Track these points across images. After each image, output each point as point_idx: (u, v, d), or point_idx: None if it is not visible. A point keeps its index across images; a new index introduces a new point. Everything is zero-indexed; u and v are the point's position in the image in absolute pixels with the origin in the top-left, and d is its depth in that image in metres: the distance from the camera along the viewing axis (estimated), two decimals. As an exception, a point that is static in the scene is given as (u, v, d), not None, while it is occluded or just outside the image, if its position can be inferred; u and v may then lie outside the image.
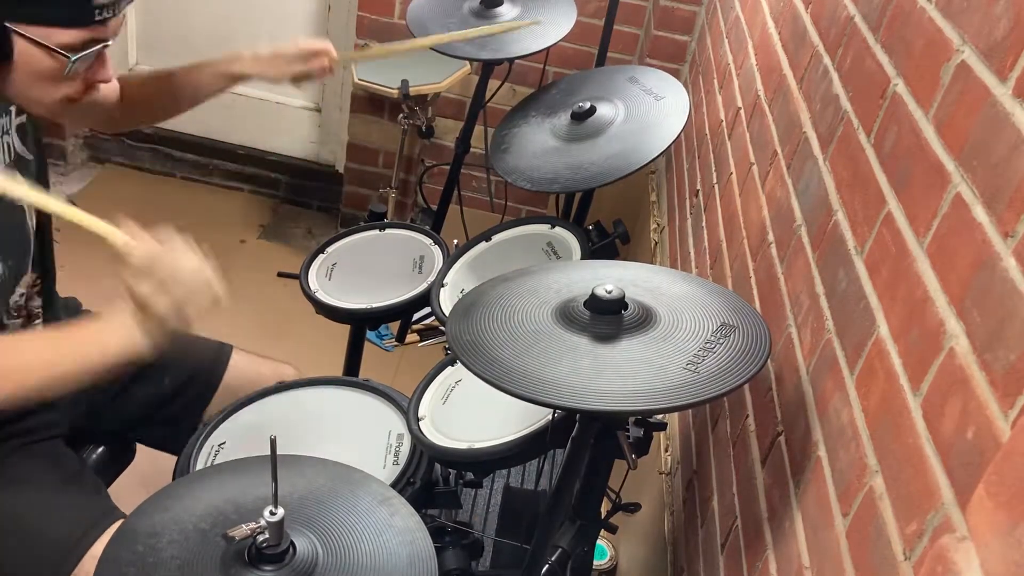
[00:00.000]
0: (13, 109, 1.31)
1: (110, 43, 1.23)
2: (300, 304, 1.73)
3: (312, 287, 1.70)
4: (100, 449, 1.56)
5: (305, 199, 3.33)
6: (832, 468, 0.94)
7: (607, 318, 0.99)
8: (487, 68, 2.04)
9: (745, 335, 0.98)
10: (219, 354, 1.61)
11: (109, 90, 1.30)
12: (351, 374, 1.86)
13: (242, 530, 0.84)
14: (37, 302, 1.41)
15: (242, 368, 1.61)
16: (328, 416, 1.41)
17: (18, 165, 1.32)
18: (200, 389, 1.56)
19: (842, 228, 1.07)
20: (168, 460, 1.54)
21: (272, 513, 0.84)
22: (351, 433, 1.37)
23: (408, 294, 1.66)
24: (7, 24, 1.12)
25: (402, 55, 1.49)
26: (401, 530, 0.93)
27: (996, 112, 0.76)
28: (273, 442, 0.84)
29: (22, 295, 1.35)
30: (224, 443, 1.35)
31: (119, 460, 1.59)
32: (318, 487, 0.97)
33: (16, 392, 1.15)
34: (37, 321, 1.41)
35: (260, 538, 0.85)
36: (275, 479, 0.84)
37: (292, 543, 0.87)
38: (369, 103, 2.93)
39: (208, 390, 1.56)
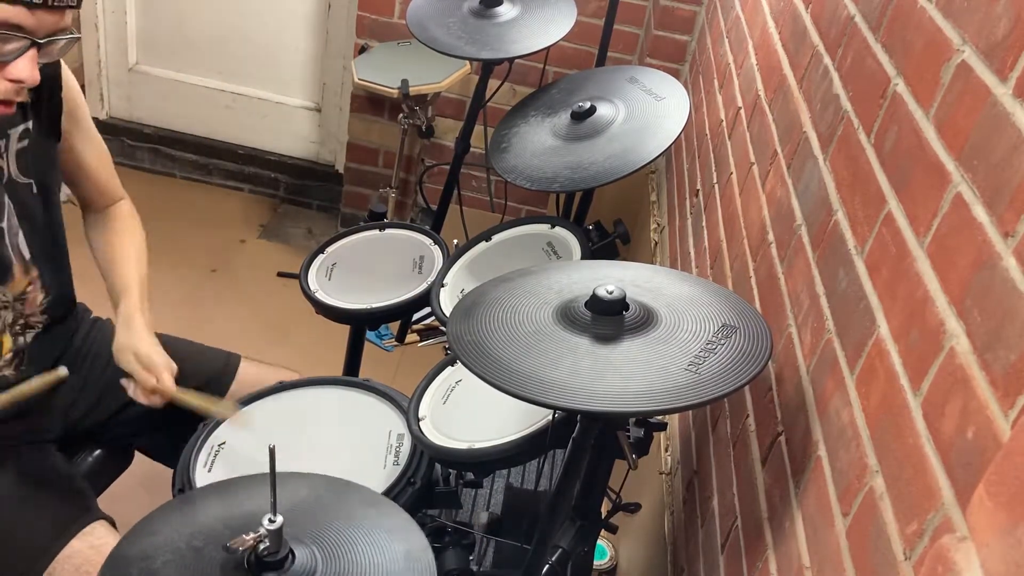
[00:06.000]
0: (13, 133, 1.31)
1: (38, 41, 1.16)
2: (300, 304, 1.73)
3: (312, 287, 1.70)
4: (96, 452, 1.55)
5: (305, 199, 3.33)
6: (832, 468, 0.94)
7: (608, 319, 0.98)
8: (487, 68, 2.04)
9: (746, 336, 0.98)
10: (227, 364, 1.61)
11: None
12: (351, 374, 1.86)
13: (244, 540, 0.84)
14: (39, 317, 1.41)
15: (249, 377, 1.61)
16: (328, 416, 1.41)
17: (9, 188, 1.32)
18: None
19: (842, 228, 1.07)
20: (168, 459, 1.54)
21: (271, 521, 0.84)
22: (351, 433, 1.37)
23: (408, 294, 1.66)
24: None
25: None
26: (394, 530, 0.93)
27: (996, 112, 0.76)
28: (272, 450, 0.84)
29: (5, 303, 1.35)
30: (224, 443, 1.35)
31: (116, 464, 1.59)
32: (303, 499, 0.97)
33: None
34: (30, 331, 1.41)
35: (261, 547, 0.85)
36: (273, 486, 0.84)
37: (291, 550, 0.87)
38: (369, 103, 2.93)
39: (214, 398, 1.56)
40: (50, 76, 1.36)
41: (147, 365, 1.38)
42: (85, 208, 1.57)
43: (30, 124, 1.34)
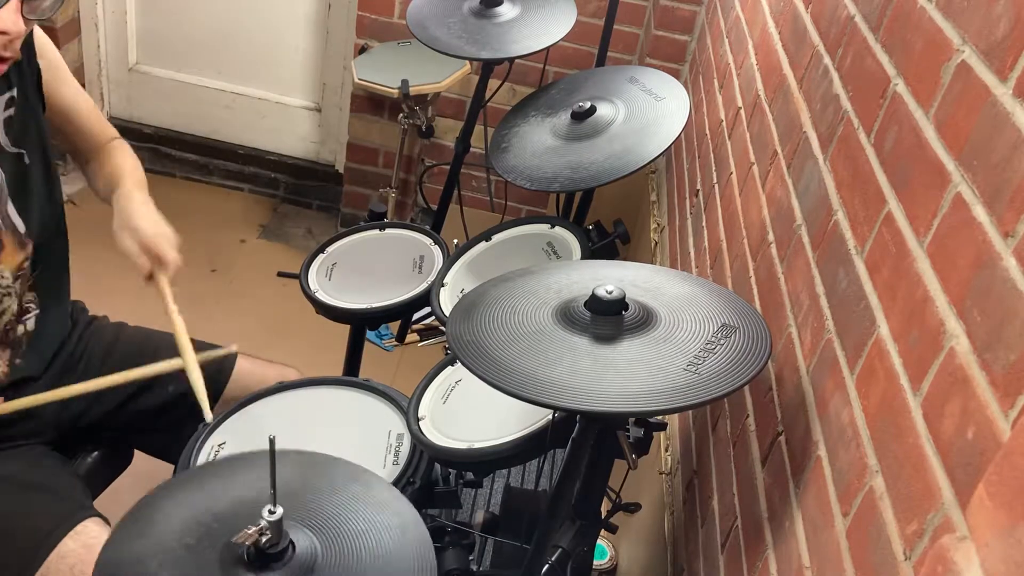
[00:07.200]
0: (1, 102, 1.30)
1: None
2: (300, 304, 1.73)
3: (312, 287, 1.70)
4: (95, 453, 1.55)
5: (305, 199, 3.33)
6: (832, 468, 0.94)
7: (608, 319, 0.98)
8: (487, 68, 2.04)
9: (746, 336, 0.98)
10: (224, 360, 1.61)
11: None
12: (351, 374, 1.86)
13: (247, 534, 0.83)
14: (29, 296, 1.40)
15: (247, 373, 1.61)
16: (328, 416, 1.41)
17: (0, 158, 1.31)
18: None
19: (842, 228, 1.07)
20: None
21: (271, 512, 0.84)
22: (351, 433, 1.37)
23: (408, 294, 1.66)
24: None
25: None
26: (383, 504, 0.93)
27: (996, 112, 0.76)
28: (272, 441, 0.83)
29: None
30: (224, 443, 1.35)
31: (114, 465, 1.59)
32: (289, 478, 0.96)
33: None
34: (27, 316, 1.40)
35: (263, 539, 0.84)
36: (273, 477, 0.84)
37: (291, 540, 0.86)
38: (369, 103, 2.93)
39: (212, 396, 1.56)
40: (24, 44, 1.35)
41: (146, 244, 1.34)
42: (85, 160, 1.55)
43: (15, 92, 1.33)
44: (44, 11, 1.21)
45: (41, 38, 1.39)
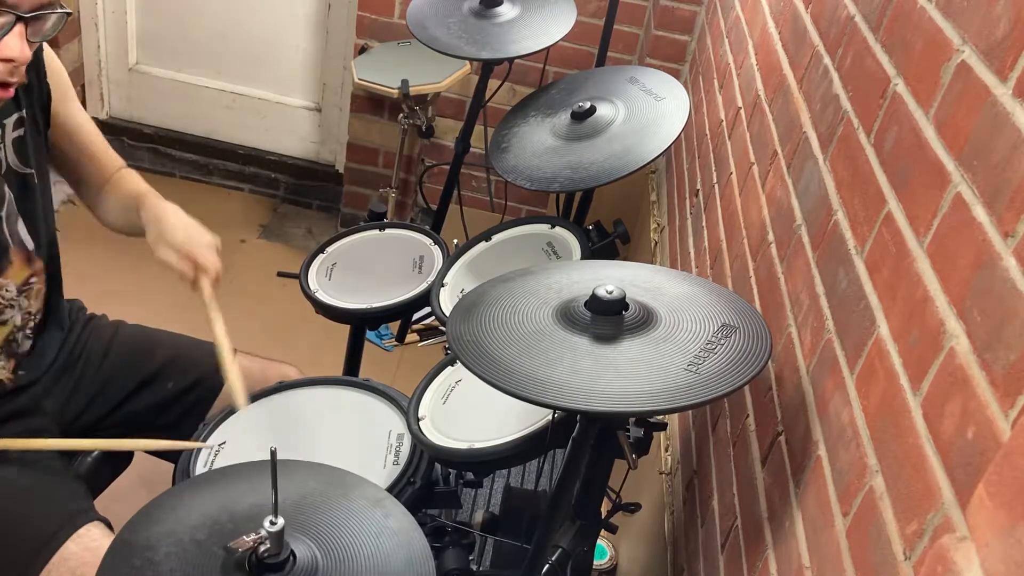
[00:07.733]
0: (8, 122, 1.31)
1: (23, 16, 1.15)
2: (300, 304, 1.73)
3: (312, 287, 1.70)
4: (95, 452, 1.55)
5: (305, 199, 3.33)
6: (832, 468, 0.94)
7: (608, 318, 0.98)
8: (487, 68, 2.04)
9: (746, 336, 0.98)
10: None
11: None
12: (351, 374, 1.86)
13: (244, 542, 0.84)
14: (36, 306, 1.40)
15: (246, 371, 1.60)
16: (328, 416, 1.41)
17: (9, 178, 1.31)
18: (203, 393, 1.56)
19: (842, 228, 1.07)
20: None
21: (272, 523, 0.84)
22: (351, 433, 1.37)
23: (408, 294, 1.66)
24: None
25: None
26: (397, 532, 0.93)
27: (996, 112, 0.76)
28: (273, 453, 0.83)
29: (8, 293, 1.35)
30: (224, 443, 1.35)
31: (115, 464, 1.58)
32: (310, 491, 0.96)
33: None
34: (31, 323, 1.41)
35: (261, 548, 0.84)
36: (275, 489, 0.84)
37: (292, 552, 0.87)
38: (369, 103, 2.93)
39: (211, 394, 1.56)
40: (33, 63, 1.35)
41: (185, 252, 1.37)
42: (90, 188, 1.54)
43: (23, 113, 1.33)
44: (47, 33, 1.22)
45: (51, 59, 1.40)
